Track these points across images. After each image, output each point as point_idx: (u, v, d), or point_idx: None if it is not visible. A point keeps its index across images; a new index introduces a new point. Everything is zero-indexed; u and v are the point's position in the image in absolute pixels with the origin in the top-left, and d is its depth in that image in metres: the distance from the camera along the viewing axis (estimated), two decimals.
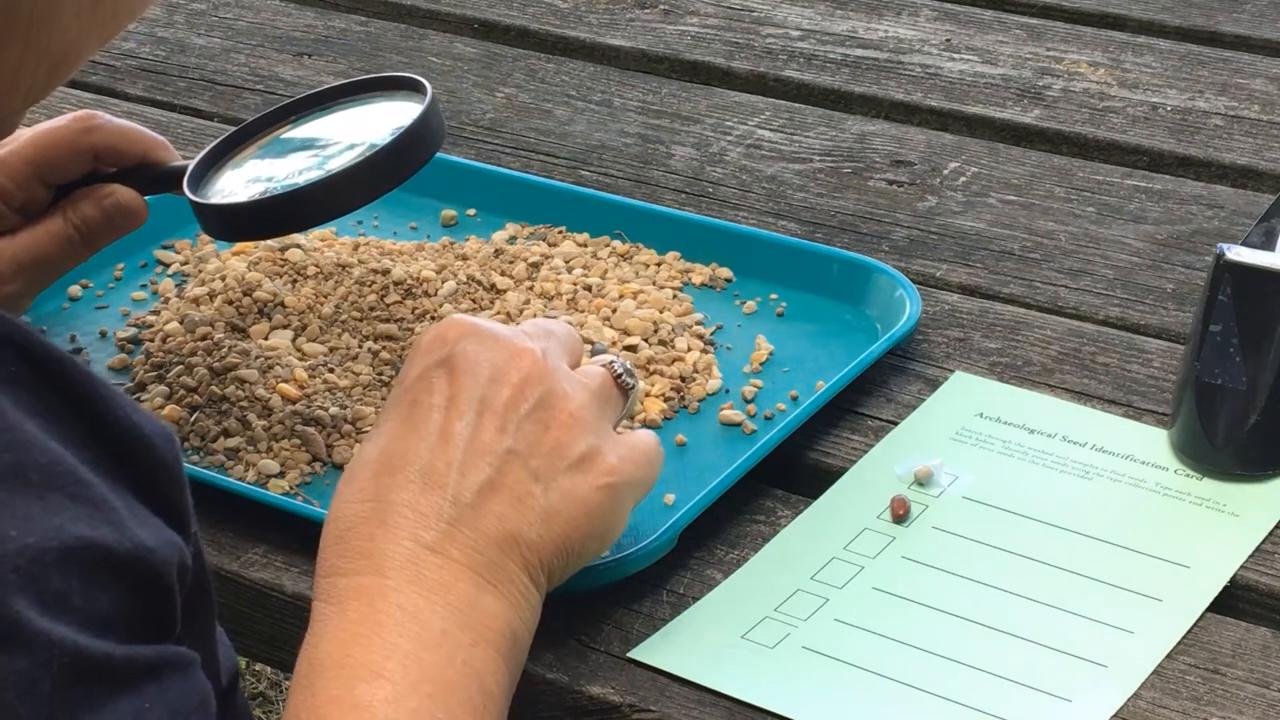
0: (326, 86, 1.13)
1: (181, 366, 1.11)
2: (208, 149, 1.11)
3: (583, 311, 1.14)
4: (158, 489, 0.72)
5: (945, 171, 1.31)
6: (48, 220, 1.09)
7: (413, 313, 1.14)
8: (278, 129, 1.13)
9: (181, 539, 0.73)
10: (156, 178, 1.12)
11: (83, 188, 1.10)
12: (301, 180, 1.06)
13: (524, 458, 0.87)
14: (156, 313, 1.17)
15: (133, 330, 1.16)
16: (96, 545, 0.68)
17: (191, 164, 1.10)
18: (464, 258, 1.20)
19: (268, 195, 1.06)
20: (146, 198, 1.11)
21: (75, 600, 0.67)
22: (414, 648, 0.81)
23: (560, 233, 1.23)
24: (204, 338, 1.14)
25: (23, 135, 1.09)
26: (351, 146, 1.08)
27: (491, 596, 0.84)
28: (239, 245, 1.20)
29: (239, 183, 1.09)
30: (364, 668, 0.80)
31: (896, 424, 1.07)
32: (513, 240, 1.23)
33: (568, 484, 0.88)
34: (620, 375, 0.93)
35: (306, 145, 1.10)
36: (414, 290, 1.16)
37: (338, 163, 1.06)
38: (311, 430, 1.06)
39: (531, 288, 1.17)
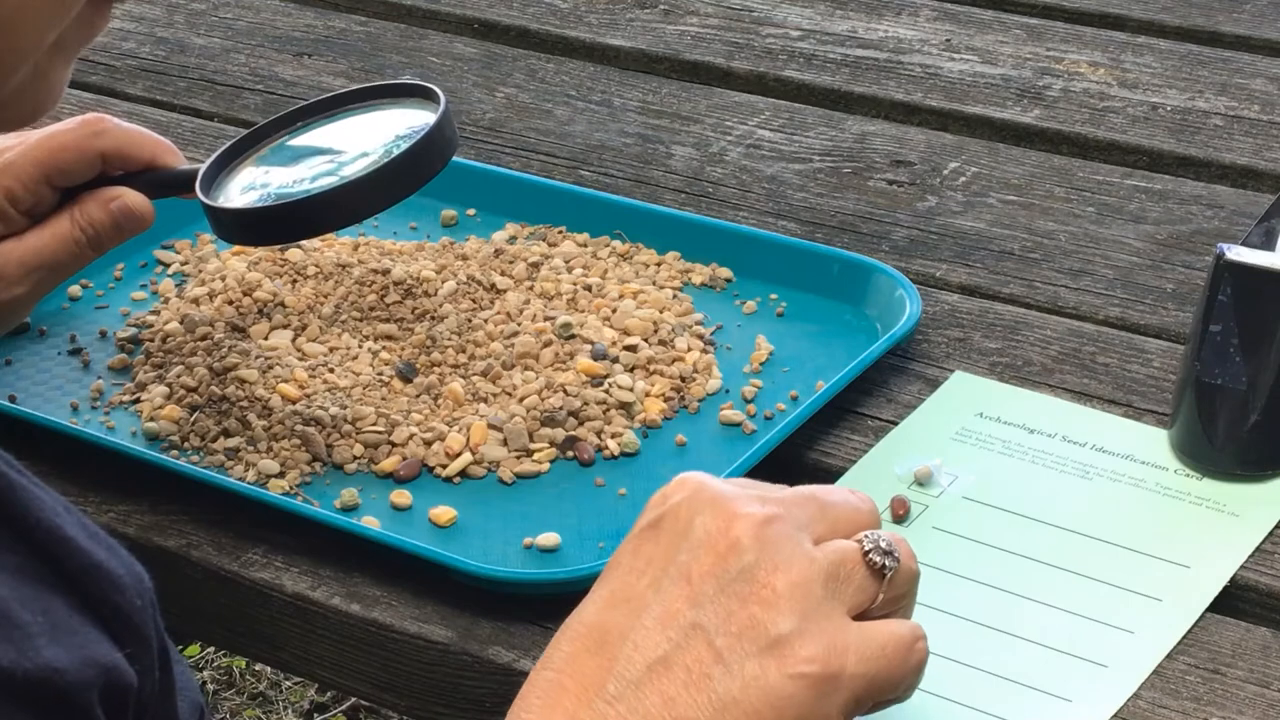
0: (337, 92, 1.14)
1: (181, 366, 1.11)
2: (219, 152, 1.11)
3: (583, 311, 1.14)
4: (92, 593, 0.68)
5: (945, 171, 1.32)
6: (55, 223, 1.09)
7: (413, 313, 1.14)
8: (288, 133, 1.13)
9: (124, 649, 0.69)
10: (164, 181, 1.12)
11: (90, 191, 1.11)
12: (317, 187, 1.06)
13: (710, 634, 0.77)
14: (156, 313, 1.18)
15: (133, 330, 1.16)
16: None
17: (203, 167, 1.10)
18: (464, 258, 1.20)
19: (283, 201, 1.06)
20: (153, 201, 1.12)
21: None
22: None
23: (560, 233, 1.23)
24: (204, 338, 1.14)
25: (30, 138, 1.09)
26: (365, 154, 1.08)
27: None
28: (239, 245, 1.21)
29: (252, 187, 1.09)
30: None
31: (896, 424, 1.07)
32: (513, 240, 1.23)
33: (755, 669, 0.76)
34: (869, 553, 0.80)
35: (320, 151, 1.11)
36: (414, 290, 1.16)
37: (353, 169, 1.07)
38: (311, 430, 1.06)
39: (531, 288, 1.17)
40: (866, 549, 0.80)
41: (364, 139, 1.10)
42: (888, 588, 0.81)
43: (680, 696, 0.76)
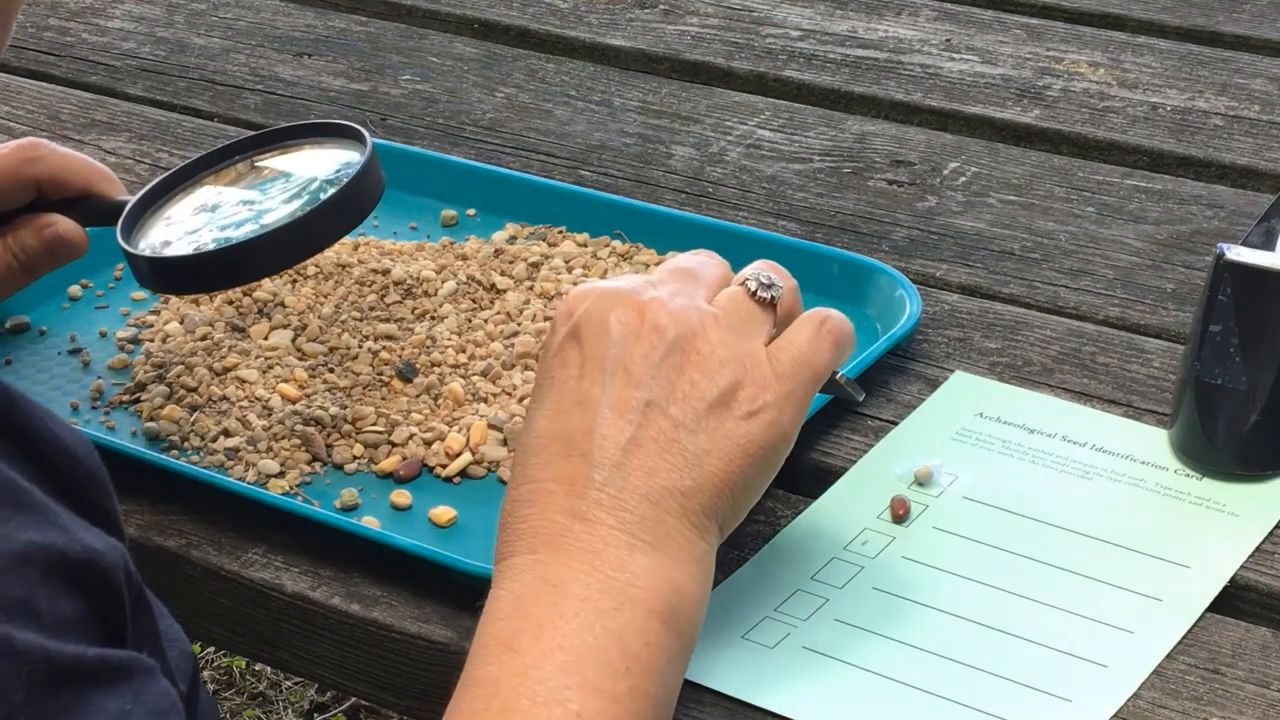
0: (266, 130, 1.12)
1: (181, 366, 1.11)
2: (143, 192, 1.10)
3: None
4: (87, 498, 0.72)
5: (945, 171, 1.32)
6: None
7: (413, 313, 1.14)
8: (214, 173, 1.11)
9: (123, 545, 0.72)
10: (99, 210, 1.11)
11: (25, 216, 1.10)
12: (237, 236, 1.05)
13: (663, 407, 0.86)
14: (156, 313, 1.18)
15: (133, 330, 1.16)
16: (49, 549, 0.67)
17: (126, 208, 1.09)
18: (464, 258, 1.20)
19: (201, 250, 1.05)
20: (89, 229, 1.11)
21: (39, 605, 0.66)
22: (550, 617, 0.81)
23: (560, 233, 1.23)
24: (204, 338, 1.14)
25: None
26: (290, 199, 1.07)
27: (645, 555, 0.83)
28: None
29: (173, 232, 1.08)
30: (498, 643, 0.81)
31: (896, 424, 1.07)
32: (513, 240, 1.23)
33: (712, 423, 0.86)
34: (755, 292, 0.91)
35: (244, 195, 1.09)
36: (414, 290, 1.16)
37: (274, 217, 1.05)
38: (311, 430, 1.06)
39: (531, 288, 1.17)
40: (752, 289, 0.91)
41: (291, 184, 1.08)
42: (780, 310, 0.91)
43: (658, 464, 0.85)
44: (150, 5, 1.61)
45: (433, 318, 1.14)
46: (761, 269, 0.92)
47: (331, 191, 1.04)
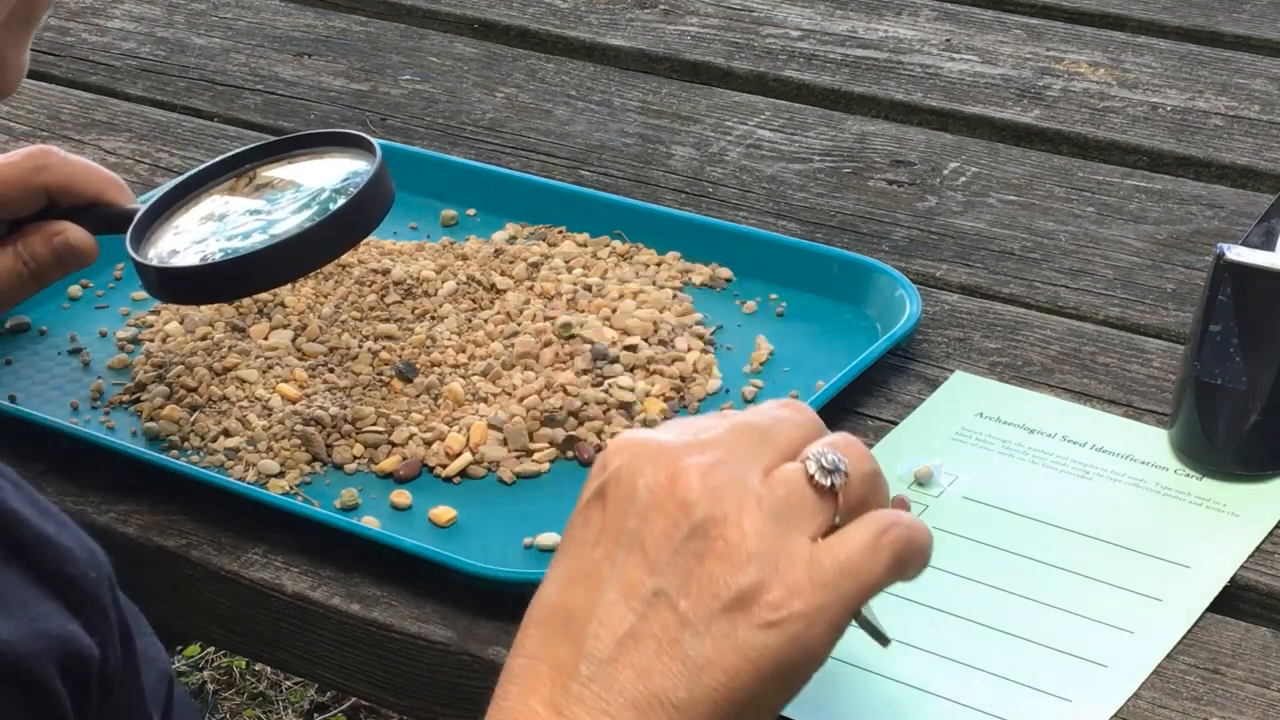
0: (275, 139, 1.12)
1: (181, 366, 1.11)
2: (152, 201, 1.10)
3: (583, 311, 1.14)
4: (42, 565, 0.69)
5: (945, 171, 1.32)
6: None
7: (413, 313, 1.14)
8: (222, 182, 1.11)
9: (79, 618, 0.69)
10: (109, 218, 1.11)
11: (35, 224, 1.11)
12: (245, 246, 1.05)
13: (673, 599, 0.75)
14: (156, 313, 1.18)
15: (133, 330, 1.17)
16: None
17: (135, 218, 1.09)
18: (464, 258, 1.20)
19: (209, 261, 1.05)
20: (100, 237, 1.11)
21: None
22: None
23: (560, 233, 1.23)
24: (204, 338, 1.14)
25: None
26: (299, 209, 1.07)
27: None
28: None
29: (181, 241, 1.08)
30: None
31: (896, 424, 1.07)
32: (513, 240, 1.23)
33: (724, 627, 0.75)
34: (813, 476, 0.78)
35: (253, 205, 1.09)
36: (414, 290, 1.16)
37: (283, 228, 1.05)
38: (311, 430, 1.06)
39: (531, 288, 1.17)
40: (810, 472, 0.78)
41: (300, 193, 1.08)
42: (844, 500, 0.78)
43: (653, 666, 0.75)
44: (150, 5, 1.61)
45: (433, 318, 1.14)
46: (834, 447, 0.79)
47: (341, 202, 1.04)
